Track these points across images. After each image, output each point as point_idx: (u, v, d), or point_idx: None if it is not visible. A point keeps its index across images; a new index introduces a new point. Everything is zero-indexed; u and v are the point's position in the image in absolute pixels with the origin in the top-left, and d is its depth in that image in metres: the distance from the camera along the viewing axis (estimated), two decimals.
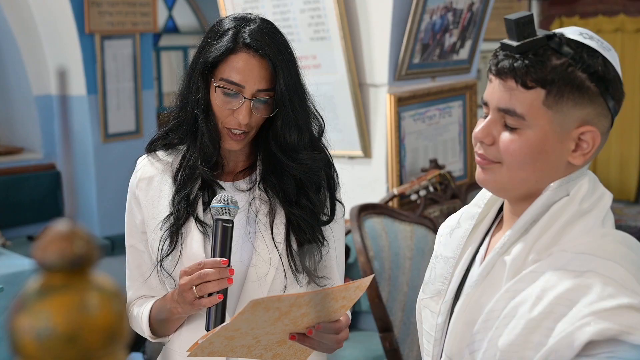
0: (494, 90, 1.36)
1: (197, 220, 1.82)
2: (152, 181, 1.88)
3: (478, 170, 1.41)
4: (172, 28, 7.89)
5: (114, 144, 6.12)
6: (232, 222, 1.73)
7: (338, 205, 1.91)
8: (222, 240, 1.72)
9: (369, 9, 3.80)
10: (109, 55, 6.04)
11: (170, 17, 7.98)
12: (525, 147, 1.33)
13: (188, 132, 1.84)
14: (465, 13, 4.08)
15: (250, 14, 1.86)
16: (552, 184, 1.35)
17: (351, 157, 3.99)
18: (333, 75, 3.87)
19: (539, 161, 1.34)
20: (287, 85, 1.78)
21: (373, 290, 3.27)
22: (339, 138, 3.95)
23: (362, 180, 3.99)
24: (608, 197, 1.39)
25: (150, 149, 1.92)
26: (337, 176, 1.93)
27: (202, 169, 1.82)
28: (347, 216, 3.61)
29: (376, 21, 3.80)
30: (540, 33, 1.34)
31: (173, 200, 1.83)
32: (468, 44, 4.22)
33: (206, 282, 1.68)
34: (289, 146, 1.82)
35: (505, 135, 1.35)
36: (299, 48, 3.87)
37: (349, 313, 1.86)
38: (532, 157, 1.33)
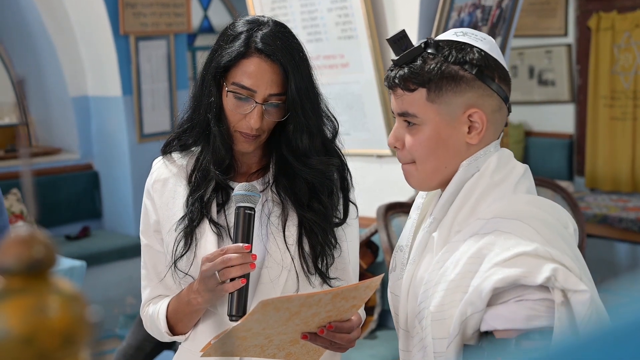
0: (392, 101, 1.59)
1: (211, 221, 1.83)
2: (167, 183, 1.90)
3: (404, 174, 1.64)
4: (207, 28, 7.94)
5: (149, 144, 6.17)
6: (253, 209, 1.74)
7: (351, 206, 1.91)
8: (243, 227, 1.73)
9: (396, 8, 3.79)
10: (144, 56, 6.10)
11: (206, 17, 8.03)
12: (425, 140, 1.55)
13: (201, 134, 1.86)
14: (494, 10, 4.05)
15: (263, 16, 1.86)
16: (463, 162, 1.55)
17: (379, 156, 3.99)
18: (361, 74, 3.87)
19: (440, 149, 1.55)
20: (299, 90, 1.78)
21: None
22: (367, 137, 3.96)
23: (390, 178, 3.99)
24: (520, 167, 1.57)
25: (166, 151, 1.94)
26: (351, 177, 1.93)
27: (214, 172, 1.83)
28: (374, 215, 3.61)
29: (403, 19, 3.79)
30: (418, 44, 1.55)
31: (187, 202, 1.85)
32: (497, 41, 4.19)
33: (229, 267, 1.69)
34: (300, 151, 1.83)
35: (408, 135, 1.57)
36: (326, 47, 3.91)
37: (362, 312, 1.87)
38: (433, 147, 1.55)
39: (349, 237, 1.91)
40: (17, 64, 6.40)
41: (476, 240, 1.47)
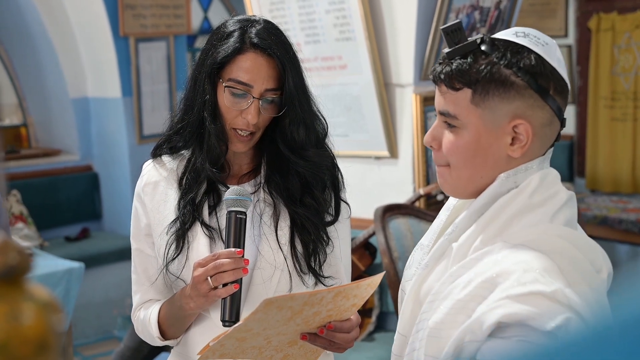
0: (436, 96, 1.47)
1: (203, 224, 1.83)
2: (157, 186, 1.90)
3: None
4: (207, 29, 7.93)
5: (149, 146, 6.13)
6: (245, 214, 1.74)
7: (343, 205, 1.91)
8: (235, 232, 1.73)
9: (394, 9, 3.79)
10: (144, 57, 6.10)
11: (206, 19, 8.03)
12: (462, 145, 1.43)
13: (193, 135, 1.85)
14: (492, 11, 4.04)
15: (253, 15, 1.87)
16: (501, 175, 1.43)
17: (377, 158, 3.99)
18: (359, 76, 3.86)
19: (478, 157, 1.43)
20: (295, 84, 1.79)
21: (397, 291, 3.26)
22: (365, 138, 3.95)
23: (388, 180, 3.98)
24: (564, 194, 1.44)
25: (156, 153, 1.94)
26: (342, 177, 1.93)
27: (209, 169, 1.83)
28: (372, 217, 3.61)
29: (401, 21, 3.79)
30: (473, 39, 1.42)
31: (179, 205, 1.84)
32: None
33: (221, 272, 1.68)
34: (297, 143, 1.83)
35: (446, 137, 1.45)
36: (324, 49, 3.90)
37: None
38: (471, 154, 1.43)
39: (341, 235, 1.91)
40: (17, 65, 6.40)
41: (494, 263, 1.35)
